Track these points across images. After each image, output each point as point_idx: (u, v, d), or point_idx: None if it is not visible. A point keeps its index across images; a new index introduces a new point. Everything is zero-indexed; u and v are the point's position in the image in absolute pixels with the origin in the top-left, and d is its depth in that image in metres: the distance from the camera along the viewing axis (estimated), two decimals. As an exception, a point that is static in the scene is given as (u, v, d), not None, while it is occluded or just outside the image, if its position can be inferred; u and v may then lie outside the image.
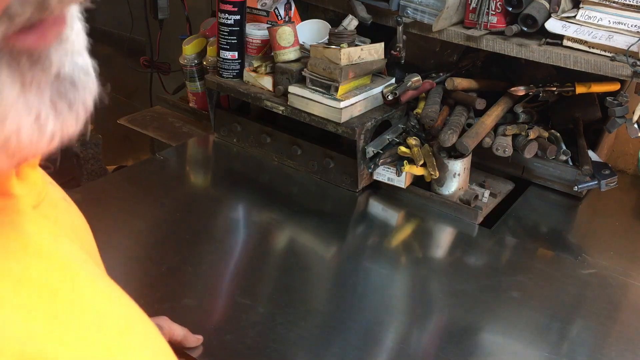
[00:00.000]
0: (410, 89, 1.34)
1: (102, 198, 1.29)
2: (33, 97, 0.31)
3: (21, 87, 0.30)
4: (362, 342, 0.95)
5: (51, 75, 0.32)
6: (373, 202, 1.33)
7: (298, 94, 1.32)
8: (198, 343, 0.91)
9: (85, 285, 0.38)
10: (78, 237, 0.46)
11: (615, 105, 1.17)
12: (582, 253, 1.19)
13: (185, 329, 0.90)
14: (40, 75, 0.31)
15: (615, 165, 1.47)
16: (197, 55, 1.61)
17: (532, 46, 1.20)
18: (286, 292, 1.05)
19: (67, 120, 0.33)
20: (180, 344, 0.89)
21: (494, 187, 1.35)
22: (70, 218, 0.48)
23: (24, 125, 0.31)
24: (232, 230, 1.25)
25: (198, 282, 1.06)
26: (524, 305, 1.05)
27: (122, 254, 1.13)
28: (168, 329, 0.88)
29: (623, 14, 1.13)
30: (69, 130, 0.33)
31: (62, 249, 0.39)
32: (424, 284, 1.11)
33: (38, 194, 0.41)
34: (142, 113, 1.75)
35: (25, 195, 0.39)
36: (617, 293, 1.08)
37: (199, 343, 0.91)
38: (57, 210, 0.44)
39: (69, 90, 0.33)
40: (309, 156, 1.39)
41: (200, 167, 1.54)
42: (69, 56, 0.33)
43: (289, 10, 1.49)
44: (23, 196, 0.38)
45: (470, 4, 1.26)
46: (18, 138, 0.31)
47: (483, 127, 1.26)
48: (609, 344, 0.97)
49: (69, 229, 0.45)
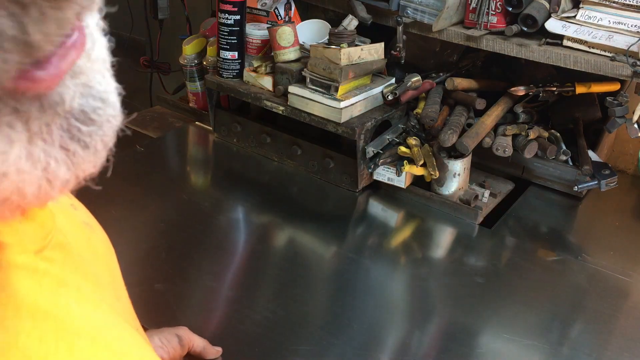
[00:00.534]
0: (410, 89, 1.34)
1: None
2: (39, 149, 0.27)
3: (27, 139, 0.26)
4: (362, 342, 0.95)
5: (62, 116, 0.27)
6: (373, 202, 1.33)
7: (298, 94, 1.32)
8: (217, 355, 0.89)
9: (84, 346, 0.34)
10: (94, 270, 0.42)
11: (615, 105, 1.17)
12: (582, 253, 1.19)
13: (205, 340, 0.88)
14: (50, 119, 0.27)
15: (615, 165, 1.47)
16: (197, 55, 1.61)
17: (532, 46, 1.20)
18: (286, 292, 1.05)
19: (82, 163, 0.29)
20: (200, 355, 0.88)
21: (494, 187, 1.35)
22: (91, 247, 0.43)
23: (29, 181, 0.27)
24: (232, 230, 1.25)
25: (198, 282, 1.06)
26: (524, 305, 1.05)
27: (121, 254, 1.13)
28: (187, 339, 0.86)
29: (623, 14, 1.13)
30: (85, 172, 0.29)
31: (62, 305, 0.34)
32: (424, 283, 1.11)
33: (44, 236, 0.36)
34: (142, 113, 1.75)
35: (15, 244, 0.34)
36: (617, 293, 1.08)
37: (218, 355, 0.89)
38: (68, 249, 0.39)
39: (83, 128, 0.28)
40: (309, 156, 1.39)
41: (200, 167, 1.54)
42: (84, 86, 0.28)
43: (289, 10, 1.49)
44: (13, 245, 0.33)
45: (470, 4, 1.26)
46: (21, 194, 0.27)
47: (483, 127, 1.26)
48: (608, 343, 0.97)
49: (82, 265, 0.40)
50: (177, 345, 0.84)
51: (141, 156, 1.45)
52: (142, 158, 1.44)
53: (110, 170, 0.31)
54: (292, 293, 1.05)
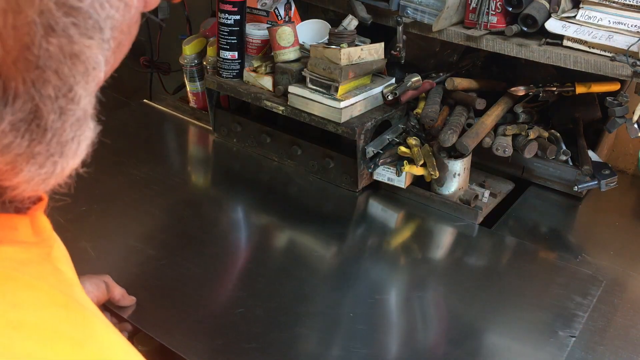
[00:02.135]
0: (410, 89, 1.34)
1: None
2: None
3: None
4: (363, 342, 0.95)
5: None
6: (373, 202, 1.33)
7: (298, 94, 1.32)
8: (132, 303, 0.98)
9: (103, 335, 0.37)
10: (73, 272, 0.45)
11: (615, 105, 1.17)
12: (582, 253, 1.19)
13: (124, 290, 0.97)
14: None
15: (615, 165, 1.47)
16: (197, 55, 1.61)
17: (532, 46, 1.20)
18: (286, 292, 1.05)
19: None
20: (117, 302, 0.96)
21: (494, 187, 1.35)
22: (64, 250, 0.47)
23: None
24: (232, 230, 1.25)
25: (198, 282, 1.06)
26: (524, 304, 1.05)
27: (120, 254, 1.13)
28: (111, 286, 0.95)
29: (623, 14, 1.13)
30: None
31: (78, 297, 0.38)
32: (424, 283, 1.11)
33: (48, 238, 0.40)
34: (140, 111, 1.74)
35: (40, 243, 0.38)
36: (617, 293, 1.08)
37: (132, 303, 0.98)
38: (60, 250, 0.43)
39: None
40: (309, 156, 1.39)
41: (200, 167, 1.54)
42: None
43: (289, 10, 1.49)
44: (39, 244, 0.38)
45: (470, 4, 1.26)
46: None
47: (483, 127, 1.26)
48: (608, 343, 0.97)
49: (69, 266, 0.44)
50: (105, 291, 0.94)
51: (141, 156, 1.45)
52: (142, 158, 1.44)
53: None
54: (292, 293, 1.05)
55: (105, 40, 0.32)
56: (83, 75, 0.31)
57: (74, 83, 0.31)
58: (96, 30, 0.31)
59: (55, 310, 0.34)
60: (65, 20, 0.29)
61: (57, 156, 0.33)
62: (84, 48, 0.30)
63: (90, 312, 0.37)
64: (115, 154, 1.43)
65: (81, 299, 0.38)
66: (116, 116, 1.67)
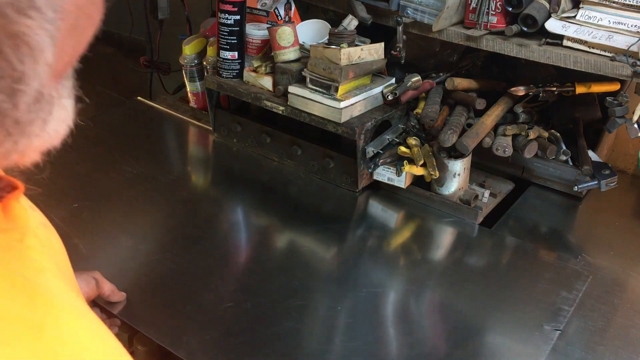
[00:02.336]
0: (410, 89, 1.34)
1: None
2: None
3: None
4: (363, 342, 0.95)
5: None
6: (373, 202, 1.33)
7: (298, 94, 1.32)
8: (122, 299, 0.99)
9: (69, 320, 0.37)
10: (57, 264, 0.46)
11: (615, 105, 1.17)
12: (582, 253, 1.19)
13: (113, 285, 0.98)
14: None
15: (615, 165, 1.47)
16: (197, 55, 1.61)
17: (532, 46, 1.20)
18: (286, 292, 1.05)
19: None
20: (107, 298, 0.97)
21: (494, 187, 1.35)
22: (50, 243, 0.47)
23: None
24: (232, 230, 1.25)
25: (198, 282, 1.06)
26: (524, 304, 1.05)
27: (111, 251, 1.13)
28: (101, 282, 0.96)
29: (623, 14, 1.13)
30: None
31: (45, 283, 0.39)
32: (424, 284, 1.11)
33: (22, 226, 0.41)
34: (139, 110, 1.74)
35: (11, 229, 0.38)
36: (617, 293, 1.08)
37: (122, 299, 0.99)
38: (38, 240, 0.44)
39: None
40: (309, 156, 1.39)
41: (200, 167, 1.54)
42: None
43: (289, 10, 1.49)
44: (9, 230, 0.38)
45: (470, 4, 1.26)
46: None
47: (483, 127, 1.26)
48: (608, 343, 0.97)
49: (49, 257, 0.45)
50: (95, 287, 0.95)
51: (140, 155, 1.45)
52: (141, 157, 1.44)
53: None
54: (292, 293, 1.05)
55: (48, 21, 0.32)
56: (28, 56, 0.32)
57: (17, 63, 0.31)
58: (33, 9, 0.31)
59: (14, 294, 0.34)
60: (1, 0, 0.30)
61: (17, 136, 0.33)
62: (24, 28, 0.31)
63: (58, 299, 0.38)
64: (113, 152, 1.43)
65: (52, 287, 0.39)
66: (115, 115, 1.68)
